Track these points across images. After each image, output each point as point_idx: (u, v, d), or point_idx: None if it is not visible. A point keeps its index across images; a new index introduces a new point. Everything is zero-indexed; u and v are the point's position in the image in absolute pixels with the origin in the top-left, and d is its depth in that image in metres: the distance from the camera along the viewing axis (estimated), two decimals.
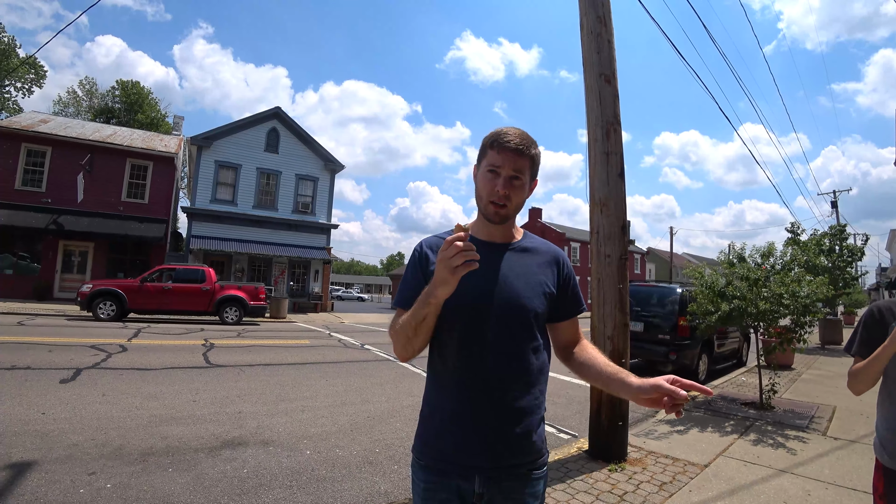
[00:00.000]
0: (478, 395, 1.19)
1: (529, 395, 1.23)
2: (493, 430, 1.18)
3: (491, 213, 1.24)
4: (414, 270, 1.28)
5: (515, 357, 1.22)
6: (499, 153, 1.21)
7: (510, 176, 1.21)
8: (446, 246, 1.00)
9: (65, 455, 3.51)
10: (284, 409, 5.21)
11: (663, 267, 51.00)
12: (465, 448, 1.18)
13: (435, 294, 1.06)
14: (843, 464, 4.01)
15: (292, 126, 23.45)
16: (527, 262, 1.30)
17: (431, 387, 1.29)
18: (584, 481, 3.51)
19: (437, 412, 1.24)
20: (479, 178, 1.27)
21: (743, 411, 5.74)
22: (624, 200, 4.23)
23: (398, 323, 1.20)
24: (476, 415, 1.18)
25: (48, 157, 18.44)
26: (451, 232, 1.16)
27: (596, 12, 4.26)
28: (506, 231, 1.31)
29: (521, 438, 1.21)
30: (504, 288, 1.23)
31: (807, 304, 5.65)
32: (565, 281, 1.34)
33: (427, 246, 1.31)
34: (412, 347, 1.19)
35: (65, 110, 39.60)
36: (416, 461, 1.28)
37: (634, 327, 7.77)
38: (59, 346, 7.91)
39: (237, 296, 14.51)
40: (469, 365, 1.20)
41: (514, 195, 1.22)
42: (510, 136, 1.20)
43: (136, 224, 18.98)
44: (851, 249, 14.78)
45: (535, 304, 1.25)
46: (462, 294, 1.10)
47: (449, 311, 1.16)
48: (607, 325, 4.06)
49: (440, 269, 1.02)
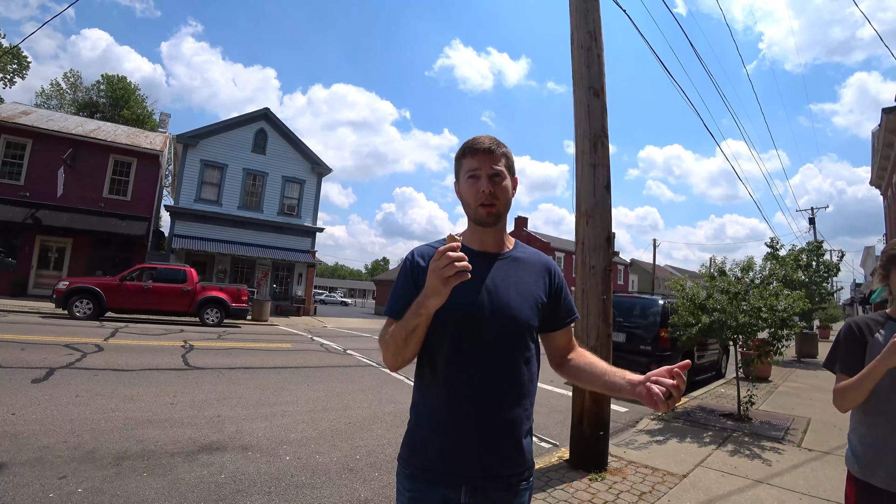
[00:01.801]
0: (468, 406, 1.18)
1: (520, 407, 1.23)
2: (482, 440, 1.18)
3: (483, 215, 1.24)
4: (405, 280, 1.27)
5: (507, 368, 1.22)
6: (473, 157, 1.24)
7: (490, 174, 1.23)
8: (438, 256, 1.00)
9: (35, 458, 3.40)
10: (264, 413, 5.13)
11: (646, 278, 51.65)
12: (454, 457, 1.17)
13: (426, 304, 1.06)
14: (817, 475, 4.09)
15: (280, 127, 23.30)
16: (518, 272, 1.30)
17: (420, 396, 1.28)
18: (564, 490, 3.52)
19: (426, 421, 1.23)
20: (461, 188, 1.29)
21: (721, 422, 5.83)
22: (610, 212, 4.29)
23: (388, 333, 1.19)
24: (466, 425, 1.18)
25: (28, 149, 18.03)
26: (442, 241, 1.17)
27: (587, 27, 4.34)
28: (498, 239, 1.31)
29: (511, 449, 1.21)
30: (496, 298, 1.22)
31: (784, 317, 5.78)
32: (557, 290, 1.35)
33: (418, 255, 1.29)
34: (402, 357, 1.18)
35: (47, 103, 38.78)
36: (401, 470, 1.26)
37: (617, 338, 7.86)
38: (31, 345, 7.70)
39: (219, 297, 14.30)
40: (459, 375, 1.19)
41: (500, 192, 1.24)
42: (479, 140, 1.25)
43: (117, 221, 18.62)
44: (827, 265, 15.18)
45: (528, 315, 1.25)
46: (453, 304, 1.10)
47: (440, 321, 1.15)
48: (591, 335, 4.09)
49: (432, 279, 1.02)
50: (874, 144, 20.93)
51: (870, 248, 35.94)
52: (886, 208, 22.33)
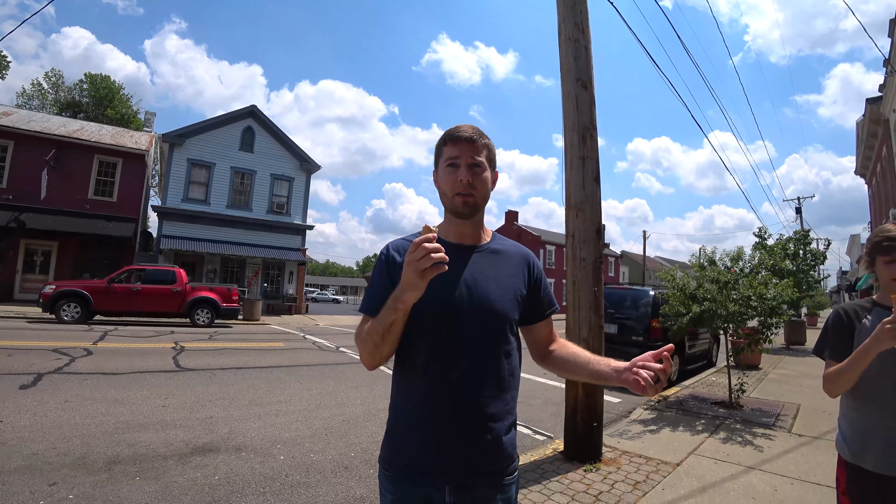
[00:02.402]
0: (448, 402, 1.15)
1: (501, 401, 1.20)
2: (463, 436, 1.15)
3: (459, 204, 1.21)
4: (380, 275, 1.23)
5: (487, 362, 1.19)
6: (454, 145, 1.21)
7: (470, 164, 1.20)
8: (414, 248, 0.97)
9: (24, 465, 3.35)
10: (257, 413, 5.10)
11: (636, 270, 52.05)
12: (435, 455, 1.15)
13: (403, 298, 1.03)
14: (808, 460, 4.16)
15: (268, 125, 23.06)
16: (497, 264, 1.27)
17: (399, 393, 1.24)
18: (559, 482, 3.54)
19: (406, 419, 1.20)
20: (440, 177, 1.26)
21: (713, 410, 5.89)
22: (599, 204, 4.29)
23: (364, 330, 1.16)
24: (446, 421, 1.15)
25: (9, 151, 17.63)
26: (419, 234, 1.15)
27: (574, 19, 4.32)
28: (475, 231, 1.29)
29: (493, 445, 1.18)
30: (474, 291, 1.20)
31: (773, 306, 5.85)
32: (537, 282, 1.33)
33: (394, 249, 1.26)
34: (379, 355, 1.14)
35: (29, 103, 37.97)
36: (382, 472, 1.23)
37: (609, 329, 7.89)
38: (18, 350, 7.58)
39: (209, 297, 14.15)
40: (439, 371, 1.16)
41: (479, 183, 1.21)
42: (461, 129, 1.22)
43: (103, 223, 18.32)
44: (814, 254, 15.37)
45: (507, 308, 1.23)
46: (431, 298, 1.07)
47: (417, 316, 1.11)
48: (582, 327, 4.11)
49: (408, 272, 0.99)
50: (859, 134, 21.21)
51: (855, 237, 36.51)
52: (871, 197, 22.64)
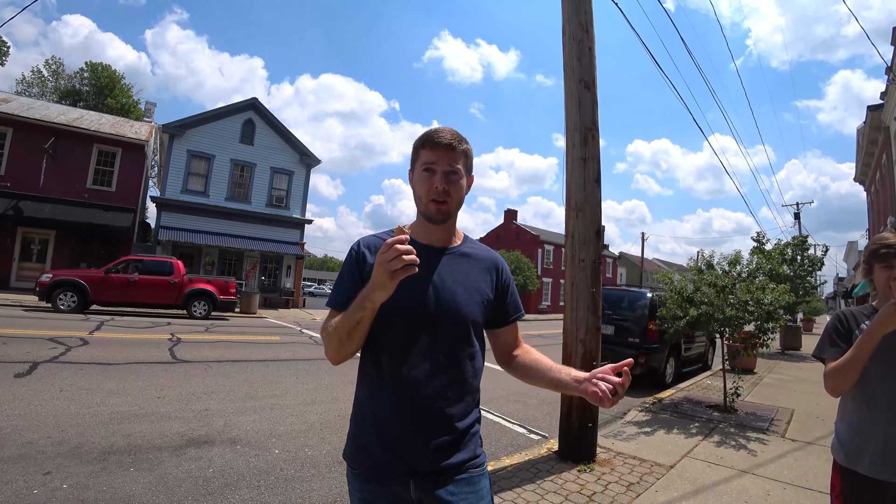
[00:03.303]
0: (411, 402, 1.17)
1: (463, 402, 1.22)
2: (425, 435, 1.17)
3: (433, 211, 1.21)
4: (350, 270, 1.24)
5: (451, 364, 1.21)
6: (432, 150, 1.20)
7: (446, 171, 1.20)
8: (385, 248, 0.97)
9: (18, 454, 3.35)
10: (253, 406, 5.10)
11: (634, 271, 52.13)
12: (398, 454, 1.16)
13: (371, 298, 1.03)
14: (801, 464, 4.17)
15: (269, 118, 22.98)
16: (465, 268, 1.28)
17: (363, 392, 1.26)
18: (553, 482, 3.55)
19: (370, 418, 1.21)
20: (415, 179, 1.25)
21: (708, 413, 5.91)
22: (599, 206, 4.29)
23: (331, 325, 1.15)
24: (409, 421, 1.16)
25: (8, 138, 17.55)
26: (391, 232, 1.14)
27: (578, 19, 4.31)
28: (446, 234, 1.29)
29: (454, 443, 1.19)
30: (442, 293, 1.21)
31: (770, 310, 5.86)
32: (504, 287, 1.35)
33: (364, 245, 1.27)
34: (345, 351, 1.15)
35: (28, 90, 37.75)
36: (350, 470, 1.24)
37: (606, 330, 7.90)
38: (14, 339, 7.56)
39: (206, 289, 14.13)
40: (403, 371, 1.18)
41: (454, 190, 1.21)
42: (441, 133, 1.21)
43: (101, 213, 18.25)
44: (812, 259, 15.41)
45: (473, 311, 1.24)
46: (399, 298, 1.08)
47: (385, 316, 1.12)
48: (580, 328, 4.11)
49: (378, 272, 0.99)
50: (859, 141, 21.23)
51: (853, 243, 36.61)
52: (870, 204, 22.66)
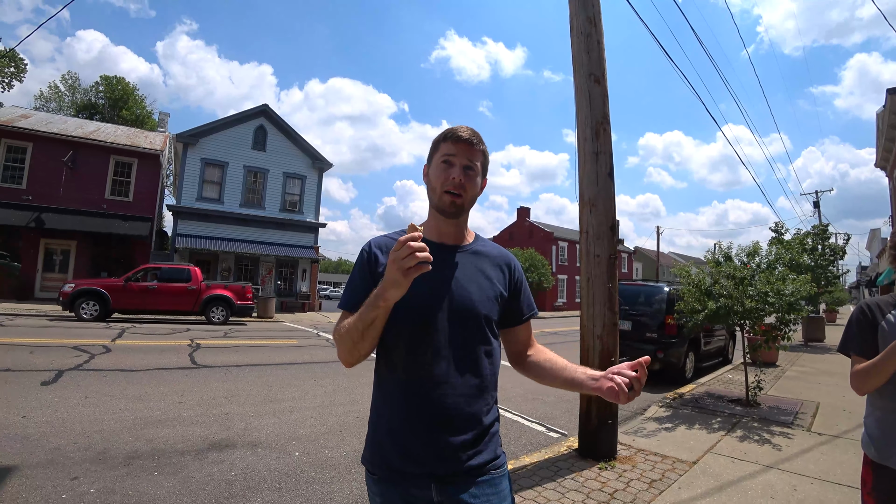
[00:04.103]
0: (428, 402, 1.15)
1: (482, 400, 1.20)
2: (445, 436, 1.14)
3: (446, 203, 1.21)
4: (361, 271, 1.23)
5: (468, 361, 1.19)
6: (453, 144, 1.21)
7: (465, 165, 1.21)
8: (399, 246, 0.96)
9: (46, 459, 3.43)
10: (272, 409, 5.15)
11: (650, 266, 51.52)
12: (418, 457, 1.14)
13: (385, 296, 1.02)
14: (828, 459, 4.08)
15: (280, 124, 23.20)
16: (478, 265, 1.28)
17: (380, 394, 1.24)
18: (574, 479, 3.52)
19: (387, 420, 1.19)
20: (431, 172, 1.25)
21: (730, 408, 5.81)
22: (613, 200, 4.25)
23: (344, 326, 1.14)
24: (427, 421, 1.15)
25: (29, 152, 18.00)
26: (402, 232, 1.13)
27: (586, 13, 4.27)
28: (458, 232, 1.29)
29: (475, 443, 1.17)
30: (455, 291, 1.20)
31: (791, 302, 5.74)
32: (517, 285, 1.33)
33: (376, 245, 1.26)
34: (358, 352, 1.13)
35: (46, 105, 38.69)
36: (368, 475, 1.22)
37: (623, 326, 7.82)
38: (40, 348, 7.75)
39: (224, 295, 14.34)
40: (419, 370, 1.16)
41: (469, 185, 1.21)
42: (463, 130, 1.23)
43: (120, 222, 18.63)
44: (833, 248, 15.07)
45: (487, 308, 1.23)
46: (412, 297, 1.06)
47: (398, 315, 1.11)
48: (597, 324, 4.07)
49: (392, 270, 0.98)
50: (879, 126, 20.66)
51: (875, 231, 35.67)
52: (892, 190, 22.06)
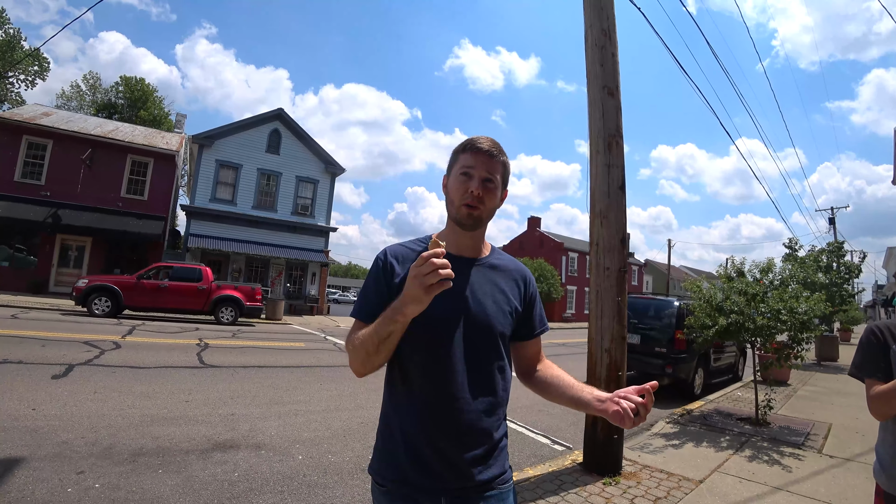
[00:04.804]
0: (443, 417, 1.14)
1: (494, 416, 1.20)
2: (456, 451, 1.14)
3: (464, 215, 1.20)
4: (377, 280, 1.21)
5: (482, 377, 1.19)
6: (473, 155, 1.20)
7: (484, 178, 1.19)
8: (422, 262, 0.95)
9: (54, 453, 3.47)
10: (277, 412, 5.17)
11: (660, 279, 51.02)
12: (430, 470, 1.13)
13: (404, 311, 1.02)
14: (839, 482, 3.99)
15: (294, 128, 23.45)
16: (494, 279, 1.27)
17: (391, 406, 1.23)
18: (577, 494, 3.48)
19: (399, 433, 1.18)
20: (450, 183, 1.24)
21: (739, 426, 5.72)
22: (624, 213, 4.23)
23: (358, 337, 1.13)
24: (439, 436, 1.14)
25: (49, 150, 18.39)
26: (417, 241, 1.14)
27: (601, 25, 4.28)
28: (475, 244, 1.28)
29: (485, 458, 1.17)
30: (472, 306, 1.19)
31: (804, 320, 5.65)
32: (531, 300, 1.33)
33: (392, 255, 1.24)
34: (372, 364, 1.13)
35: (67, 104, 39.60)
36: (376, 486, 1.21)
37: (631, 339, 7.75)
38: (52, 341, 7.86)
39: (233, 296, 14.45)
40: (434, 385, 1.15)
41: (488, 198, 1.20)
42: (483, 141, 1.22)
43: (134, 220, 18.92)
44: (849, 266, 14.81)
45: (502, 323, 1.23)
46: (430, 310, 1.05)
47: (414, 328, 1.10)
48: (605, 337, 4.04)
49: (413, 286, 0.97)
50: None
51: (892, 249, 35.04)
52: None
